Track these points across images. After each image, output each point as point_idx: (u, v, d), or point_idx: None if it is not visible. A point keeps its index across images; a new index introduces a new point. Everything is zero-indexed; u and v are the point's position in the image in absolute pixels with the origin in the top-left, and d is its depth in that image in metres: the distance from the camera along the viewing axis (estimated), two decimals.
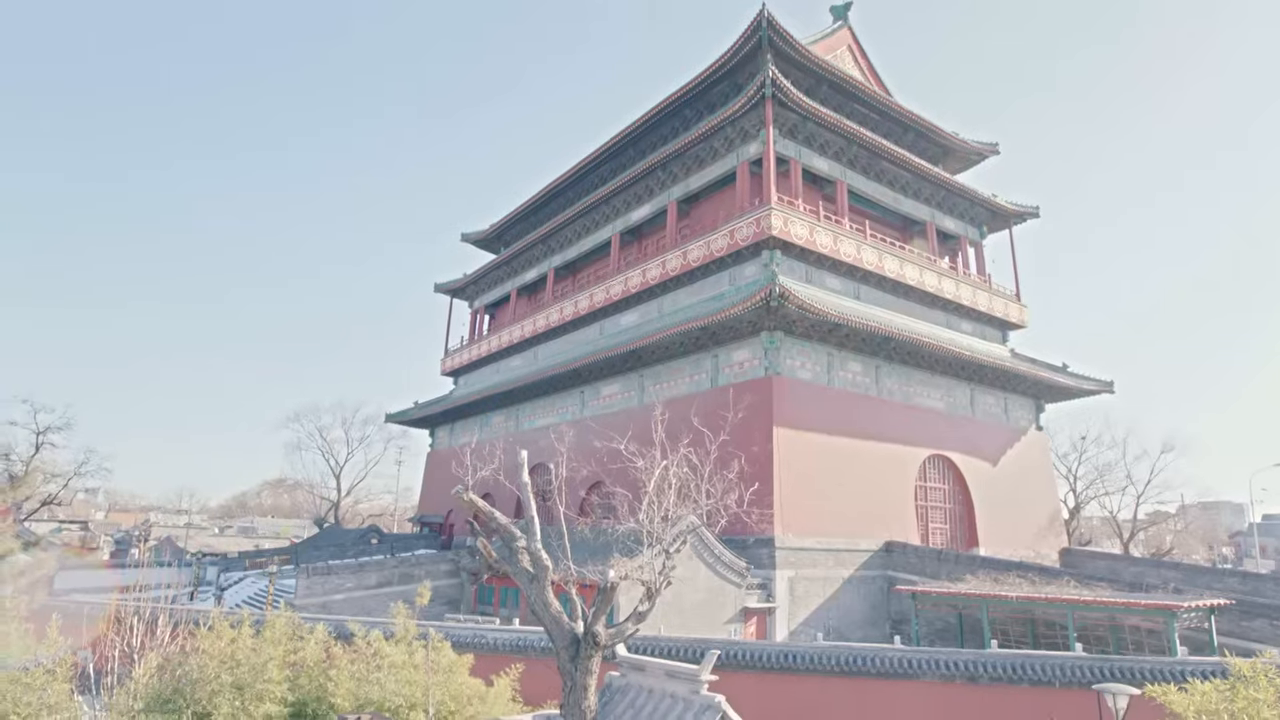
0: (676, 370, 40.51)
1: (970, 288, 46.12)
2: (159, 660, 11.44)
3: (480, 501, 8.93)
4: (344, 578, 32.20)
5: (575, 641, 8.63)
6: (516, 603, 29.28)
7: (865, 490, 36.68)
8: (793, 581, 32.65)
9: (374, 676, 10.56)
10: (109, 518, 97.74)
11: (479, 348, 60.66)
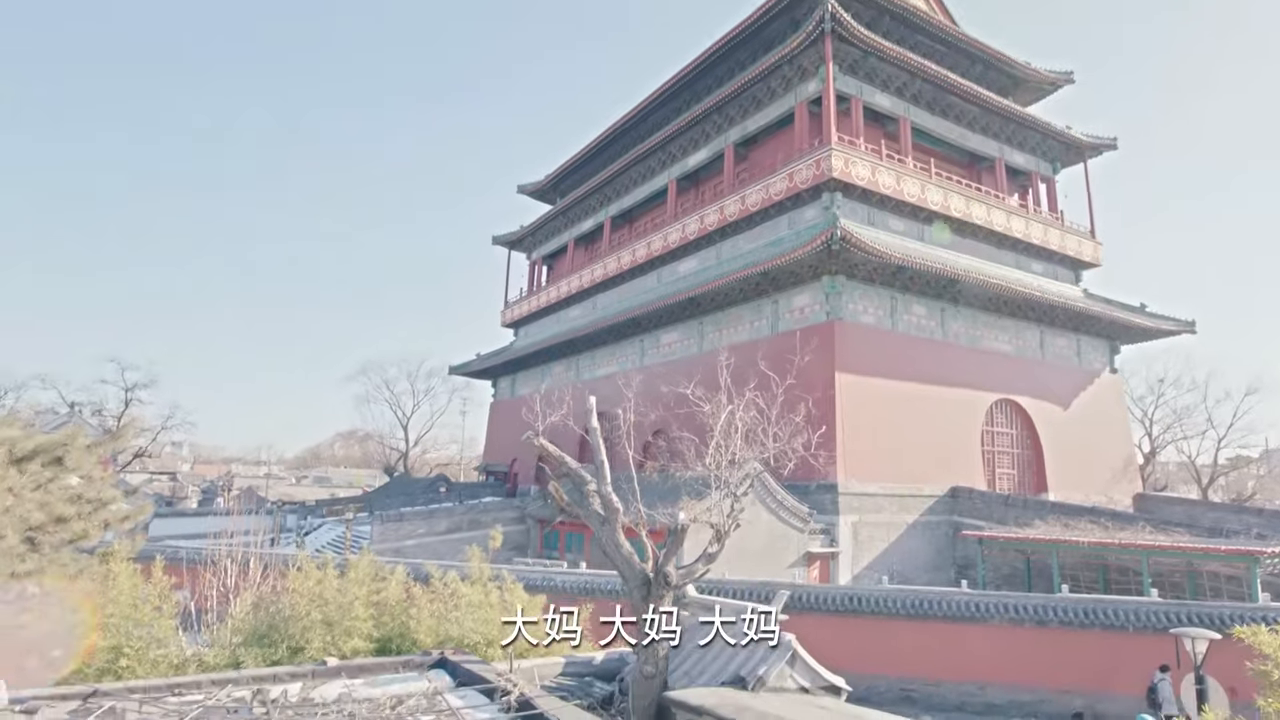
0: (736, 317, 40.22)
1: (1041, 226, 44.34)
2: (253, 599, 12.11)
3: (551, 446, 9.10)
4: (416, 524, 33.39)
5: (646, 582, 8.81)
6: (581, 548, 30.00)
7: (930, 435, 36.14)
8: (856, 526, 32.62)
9: (452, 615, 10.98)
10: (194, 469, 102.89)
11: (537, 299, 61.17)
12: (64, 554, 13.82)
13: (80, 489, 13.61)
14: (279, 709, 6.62)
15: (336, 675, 7.77)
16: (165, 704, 6.83)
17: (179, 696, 7.08)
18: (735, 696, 8.18)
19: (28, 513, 11.99)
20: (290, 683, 7.53)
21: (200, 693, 7.17)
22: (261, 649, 10.15)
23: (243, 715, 6.51)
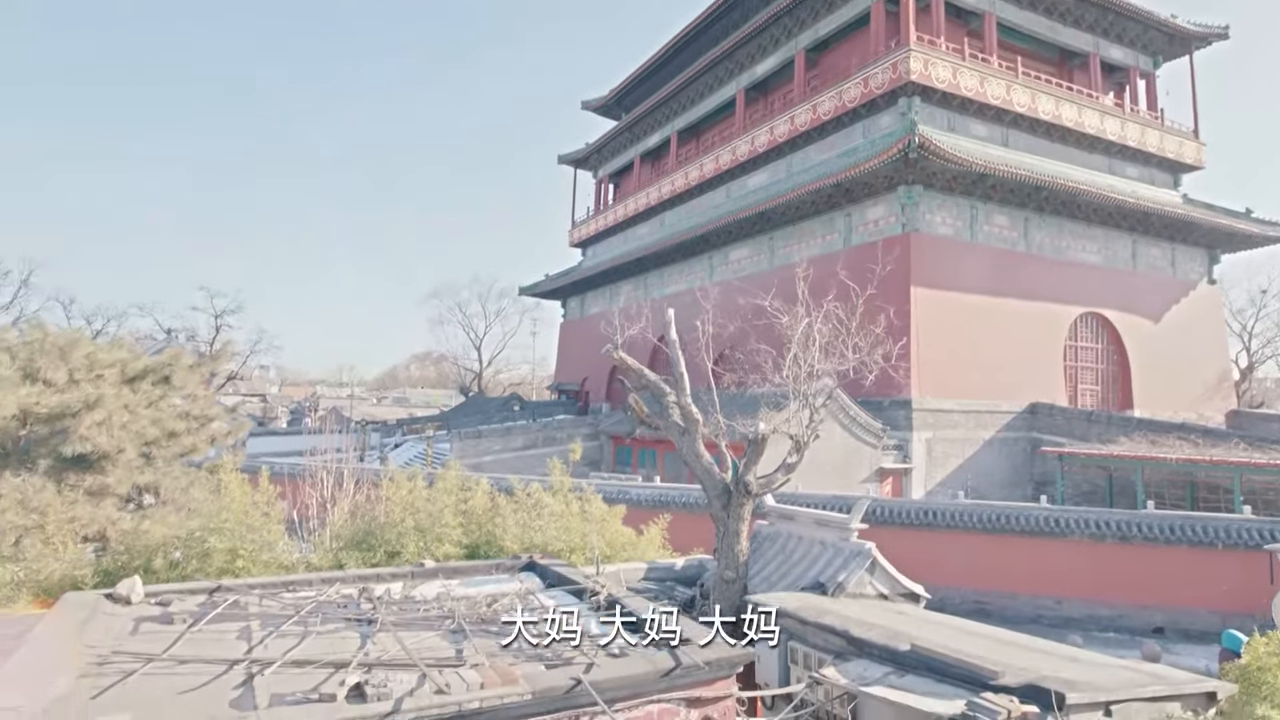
0: (808, 231, 39.28)
1: (1138, 126, 41.42)
2: (349, 508, 12.82)
3: (630, 359, 9.19)
4: (492, 441, 34.53)
5: (726, 491, 8.96)
6: (654, 464, 30.61)
7: (1009, 351, 35.09)
8: (930, 443, 32.28)
9: (536, 524, 11.42)
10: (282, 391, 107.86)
11: (605, 218, 60.86)
12: (175, 467, 14.84)
13: (186, 407, 14.50)
14: (384, 605, 7.06)
15: (434, 576, 8.23)
16: (282, 598, 7.38)
17: (293, 592, 7.63)
18: (815, 601, 8.36)
19: (143, 428, 12.87)
20: (392, 582, 8.03)
21: (312, 589, 7.71)
22: (361, 553, 10.80)
23: (351, 610, 6.98)
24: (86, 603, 7.09)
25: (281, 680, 5.22)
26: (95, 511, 12.41)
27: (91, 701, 4.86)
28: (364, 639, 6.11)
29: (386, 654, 5.65)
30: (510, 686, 4.96)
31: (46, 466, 12.61)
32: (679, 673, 5.47)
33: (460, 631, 6.29)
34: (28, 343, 12.89)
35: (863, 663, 6.93)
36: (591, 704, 5.17)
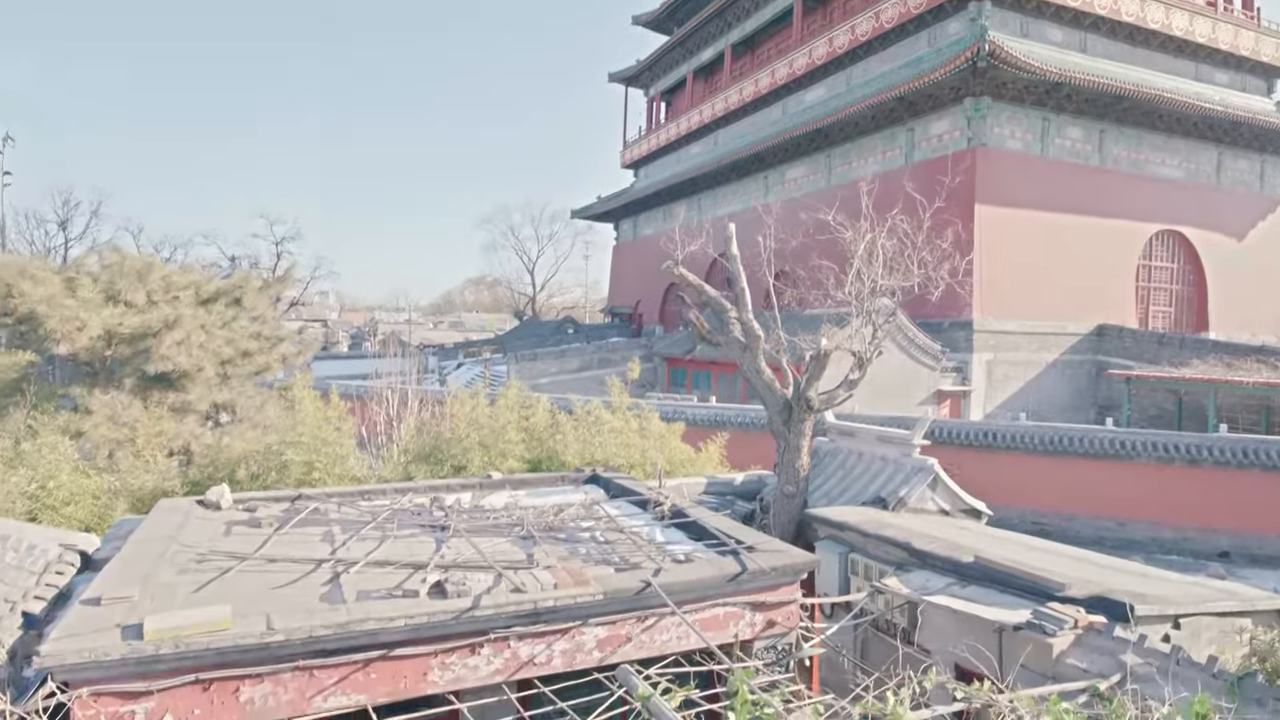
0: (868, 148, 37.92)
1: (1231, 27, 38.40)
2: (415, 425, 13.23)
3: (690, 275, 9.12)
4: (548, 363, 35.01)
5: (788, 406, 8.95)
6: (708, 385, 30.74)
7: (1077, 270, 33.77)
8: (990, 365, 31.63)
9: (596, 440, 11.65)
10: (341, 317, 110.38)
11: (657, 137, 59.63)
12: (249, 387, 15.46)
13: (257, 328, 14.99)
14: (455, 513, 7.34)
15: (501, 487, 8.51)
16: (359, 506, 7.73)
17: (369, 501, 7.98)
18: (876, 515, 8.41)
19: (218, 348, 13.38)
20: (461, 492, 8.33)
21: (386, 498, 8.06)
22: (428, 466, 11.19)
23: (425, 517, 7.27)
24: (180, 508, 7.55)
25: (365, 579, 5.51)
26: (179, 427, 13.07)
27: (194, 594, 5.21)
28: (439, 544, 6.38)
29: (462, 557, 5.90)
30: (582, 587, 5.15)
31: (132, 385, 13.27)
32: (744, 577, 5.60)
33: (530, 538, 6.52)
34: (107, 266, 13.39)
35: (924, 574, 6.99)
36: (660, 605, 5.35)
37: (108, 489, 10.94)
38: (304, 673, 4.66)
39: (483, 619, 4.90)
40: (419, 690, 4.90)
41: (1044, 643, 5.45)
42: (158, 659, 4.36)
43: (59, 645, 4.24)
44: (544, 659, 5.13)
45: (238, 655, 4.51)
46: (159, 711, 4.42)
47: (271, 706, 4.62)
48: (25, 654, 4.93)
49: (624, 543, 6.34)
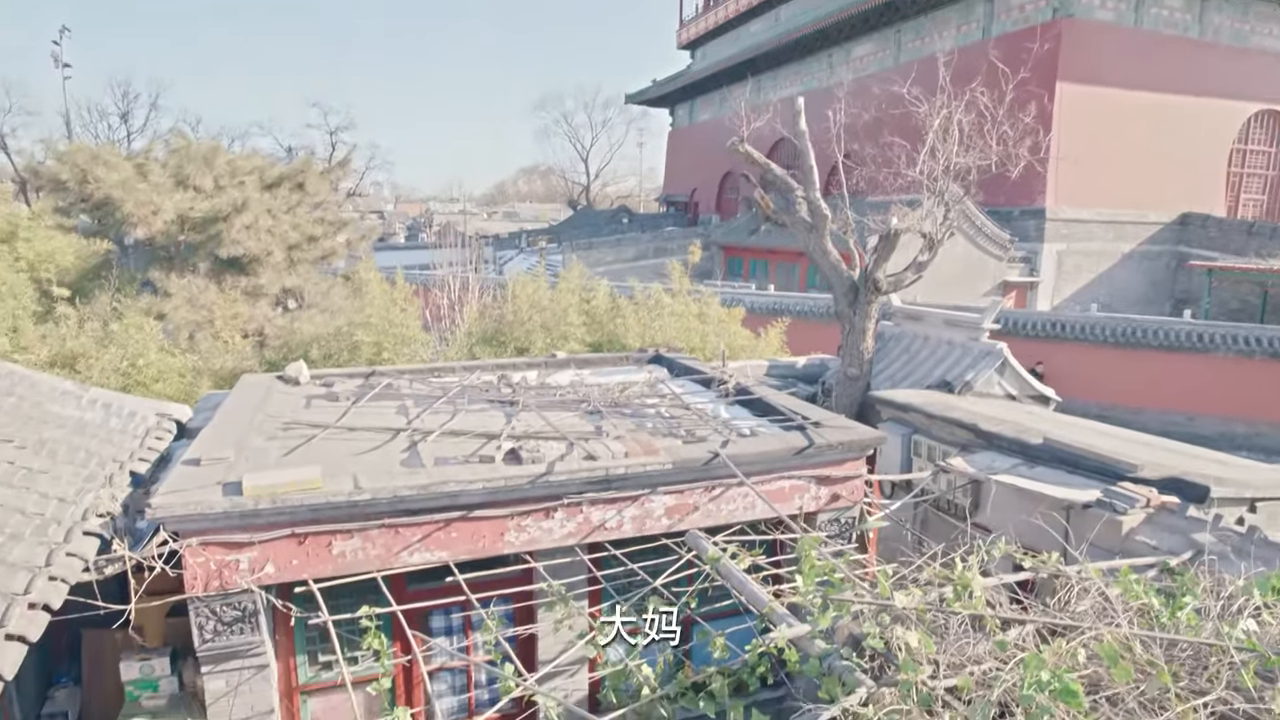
0: (941, 21, 35.43)
1: None
2: (478, 309, 13.42)
3: (756, 153, 8.82)
4: (603, 252, 34.85)
5: (854, 288, 8.78)
6: (765, 273, 30.34)
7: (1163, 155, 31.64)
8: (1061, 255, 30.37)
9: (656, 324, 11.68)
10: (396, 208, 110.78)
11: (715, 14, 56.60)
12: (315, 273, 15.83)
13: (321, 213, 15.19)
14: (523, 389, 7.51)
15: (566, 365, 8.65)
16: (429, 382, 7.96)
17: (439, 377, 8.21)
18: (941, 397, 8.34)
19: (285, 232, 13.64)
20: (527, 370, 8.50)
21: (455, 375, 8.27)
22: (492, 348, 11.42)
23: (493, 393, 7.46)
24: (262, 382, 7.89)
25: (441, 447, 5.73)
26: (253, 310, 13.54)
27: (283, 458, 5.50)
28: (509, 417, 6.56)
29: (532, 429, 6.08)
30: (652, 456, 5.27)
31: (206, 269, 13.71)
32: (811, 451, 5.65)
33: (597, 413, 6.66)
34: (174, 151, 13.60)
35: (990, 454, 6.95)
36: (728, 476, 5.46)
37: (192, 368, 11.48)
38: (390, 530, 4.94)
39: (556, 484, 5.09)
40: (496, 549, 5.17)
41: (1113, 520, 5.42)
42: (257, 514, 4.66)
43: (168, 499, 4.55)
44: (614, 524, 5.32)
45: (329, 512, 4.79)
46: (260, 561, 4.76)
47: (361, 560, 4.93)
48: (137, 508, 5.32)
49: (689, 418, 6.43)
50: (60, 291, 12.07)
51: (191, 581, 4.65)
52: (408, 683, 5.56)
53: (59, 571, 4.12)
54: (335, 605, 4.66)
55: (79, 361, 10.67)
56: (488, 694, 5.82)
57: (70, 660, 5.98)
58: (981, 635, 3.69)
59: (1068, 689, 2.75)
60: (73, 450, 5.44)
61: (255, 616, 4.82)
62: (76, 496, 4.89)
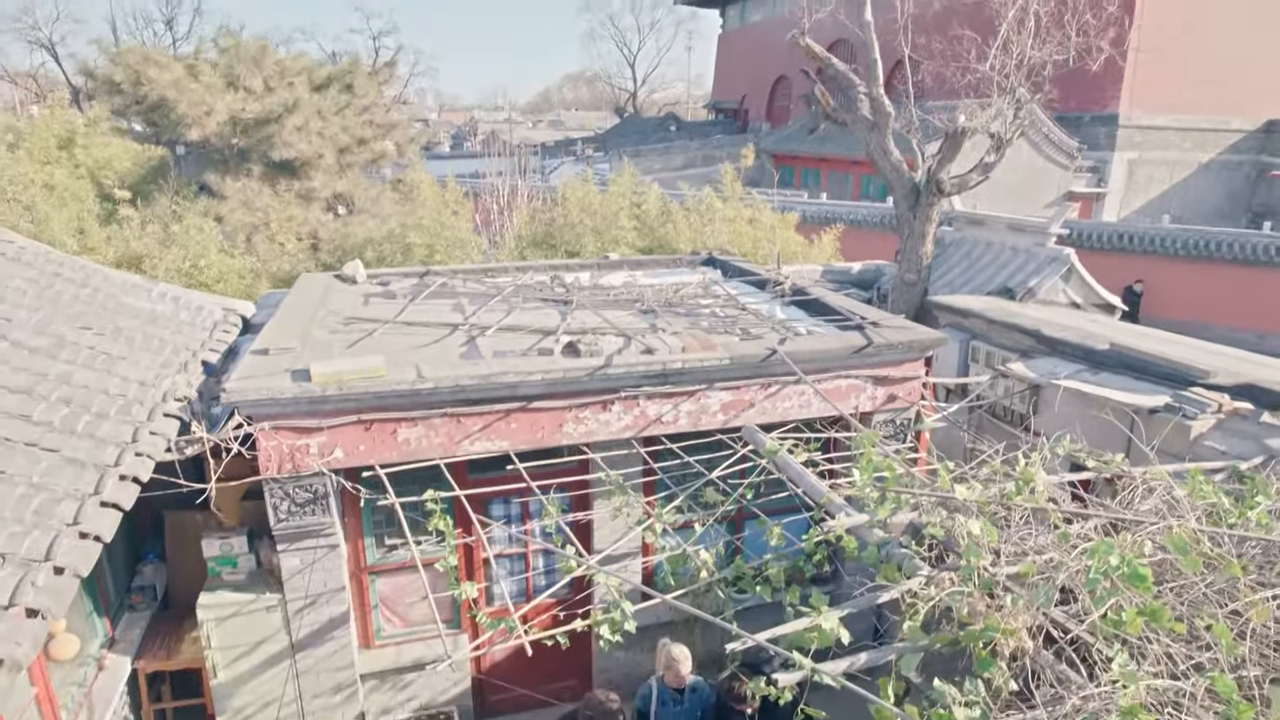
0: None
1: None
2: (528, 213, 13.35)
3: (816, 46, 8.41)
4: (651, 160, 34.14)
5: (915, 191, 8.48)
6: (817, 182, 29.53)
7: (1251, 57, 29.34)
8: (1132, 165, 28.86)
9: (708, 229, 11.50)
10: (441, 117, 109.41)
11: None
12: (365, 180, 15.85)
13: (370, 116, 15.07)
14: (576, 289, 7.51)
15: (619, 267, 8.60)
16: (484, 281, 8.00)
17: (492, 277, 8.24)
18: (1002, 303, 8.12)
19: (335, 135, 13.60)
20: (580, 271, 8.47)
21: (508, 275, 8.30)
22: (542, 252, 11.40)
23: (547, 292, 7.48)
24: (320, 281, 8.02)
25: (499, 341, 5.80)
26: (306, 213, 13.67)
27: (347, 349, 5.63)
28: (563, 315, 6.59)
29: (587, 326, 6.10)
30: (709, 351, 5.26)
31: (260, 172, 13.81)
32: (869, 350, 5.58)
33: (651, 312, 6.64)
34: (224, 51, 13.52)
35: (1052, 360, 6.80)
36: (784, 373, 5.44)
37: (250, 270, 11.72)
38: (452, 419, 5.06)
39: (614, 377, 5.12)
40: (555, 440, 5.27)
41: (1181, 425, 5.30)
42: (324, 400, 4.80)
43: (241, 384, 4.71)
44: (670, 418, 5.37)
45: (394, 400, 4.92)
46: (329, 445, 4.93)
47: (425, 447, 5.08)
48: (211, 395, 5.53)
49: (745, 318, 6.38)
50: (121, 194, 12.31)
51: (265, 464, 4.85)
52: (468, 568, 5.81)
53: (144, 448, 4.32)
54: (400, 491, 4.83)
55: (144, 262, 10.96)
56: (544, 580, 6.05)
57: (155, 539, 6.36)
58: (1044, 528, 3.68)
59: (1137, 573, 2.73)
60: (147, 339, 5.63)
61: (325, 499, 5.04)
62: (155, 381, 5.09)
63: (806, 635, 3.06)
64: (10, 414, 4.04)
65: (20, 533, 3.24)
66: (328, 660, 5.46)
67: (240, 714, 5.46)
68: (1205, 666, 2.84)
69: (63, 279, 6.02)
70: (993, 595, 3.15)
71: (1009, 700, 2.86)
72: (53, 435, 4.00)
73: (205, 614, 5.23)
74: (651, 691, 4.60)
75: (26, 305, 5.30)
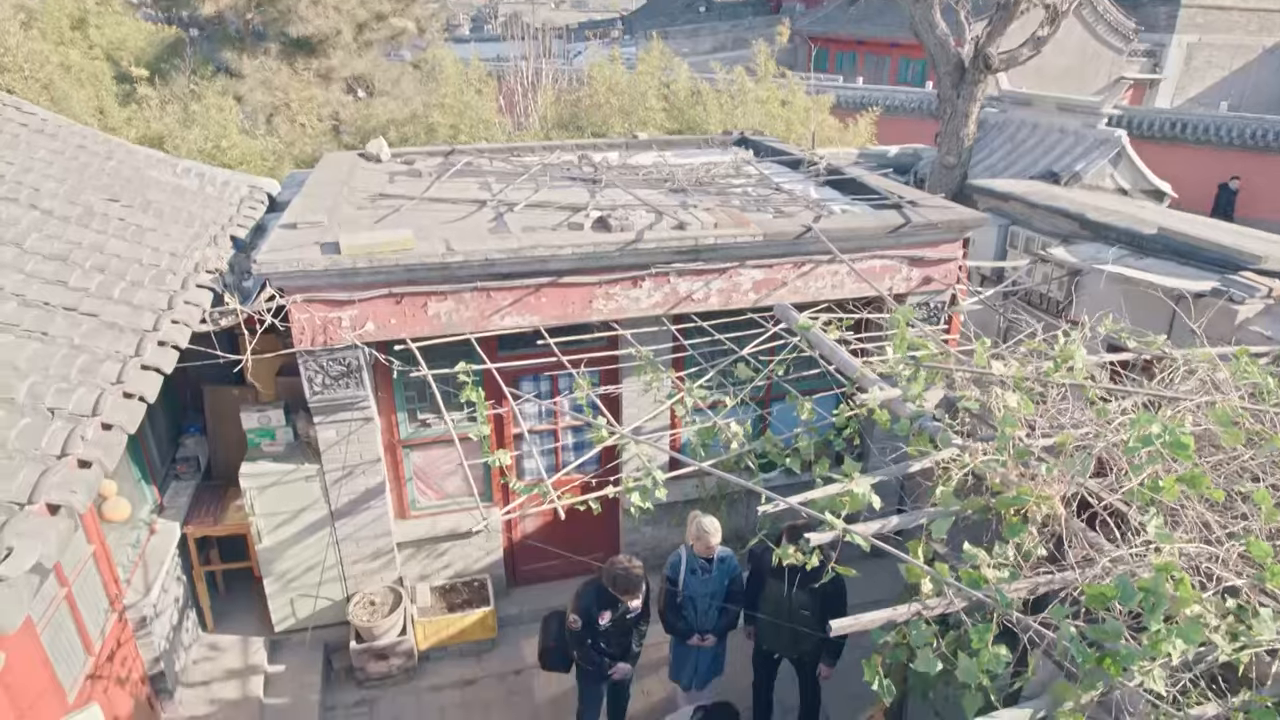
0: None
1: None
2: (554, 94, 12.92)
3: None
4: (679, 43, 32.65)
5: (960, 67, 8.03)
6: (853, 66, 28.28)
7: None
8: (1192, 49, 27.18)
9: (739, 110, 11.10)
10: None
11: None
12: (384, 61, 15.33)
13: None
14: (605, 168, 7.31)
15: (648, 147, 8.34)
16: (510, 160, 7.81)
17: (519, 156, 8.05)
18: (1045, 187, 7.82)
19: (353, 9, 13.07)
20: (608, 151, 8.24)
21: (535, 155, 8.09)
22: (569, 134, 11.08)
23: (575, 171, 7.29)
24: (345, 159, 7.87)
25: (527, 218, 5.69)
26: (326, 94, 13.32)
27: (375, 224, 5.56)
28: (592, 193, 6.44)
29: (617, 204, 5.96)
30: (743, 228, 5.14)
31: (277, 50, 13.39)
32: (906, 230, 5.42)
33: (682, 191, 6.47)
34: None
35: (1096, 245, 6.59)
36: (817, 252, 5.31)
37: (273, 151, 11.55)
38: (482, 293, 5.04)
39: (645, 252, 5.04)
40: (584, 316, 5.25)
41: (1227, 310, 5.16)
42: (355, 272, 4.78)
43: (271, 256, 4.68)
44: (701, 295, 5.31)
45: (424, 273, 4.89)
46: (361, 319, 4.95)
47: (456, 321, 5.08)
48: (242, 269, 5.53)
49: (778, 198, 6.20)
50: (139, 72, 12.04)
51: (299, 336, 4.89)
52: (499, 443, 5.92)
53: (180, 316, 4.36)
54: (432, 367, 4.85)
55: (165, 143, 10.82)
56: (573, 455, 6.17)
57: (196, 414, 6.53)
58: (1081, 405, 3.64)
59: (1179, 441, 2.69)
60: (176, 212, 5.60)
61: (359, 372, 5.09)
62: (186, 252, 5.09)
63: (838, 500, 3.09)
64: (47, 280, 4.06)
65: (66, 389, 3.31)
66: (366, 528, 5.67)
67: (284, 577, 5.73)
68: (1239, 536, 2.84)
69: (87, 151, 5.95)
70: (1026, 466, 3.14)
71: (1038, 564, 2.89)
72: (90, 300, 4.03)
73: (248, 482, 5.41)
74: (681, 560, 4.74)
75: (54, 176, 5.26)
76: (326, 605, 5.86)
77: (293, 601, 5.81)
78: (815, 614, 4.54)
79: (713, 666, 5.05)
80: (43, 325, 3.66)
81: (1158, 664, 2.31)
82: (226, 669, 5.62)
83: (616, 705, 5.06)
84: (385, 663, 5.71)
